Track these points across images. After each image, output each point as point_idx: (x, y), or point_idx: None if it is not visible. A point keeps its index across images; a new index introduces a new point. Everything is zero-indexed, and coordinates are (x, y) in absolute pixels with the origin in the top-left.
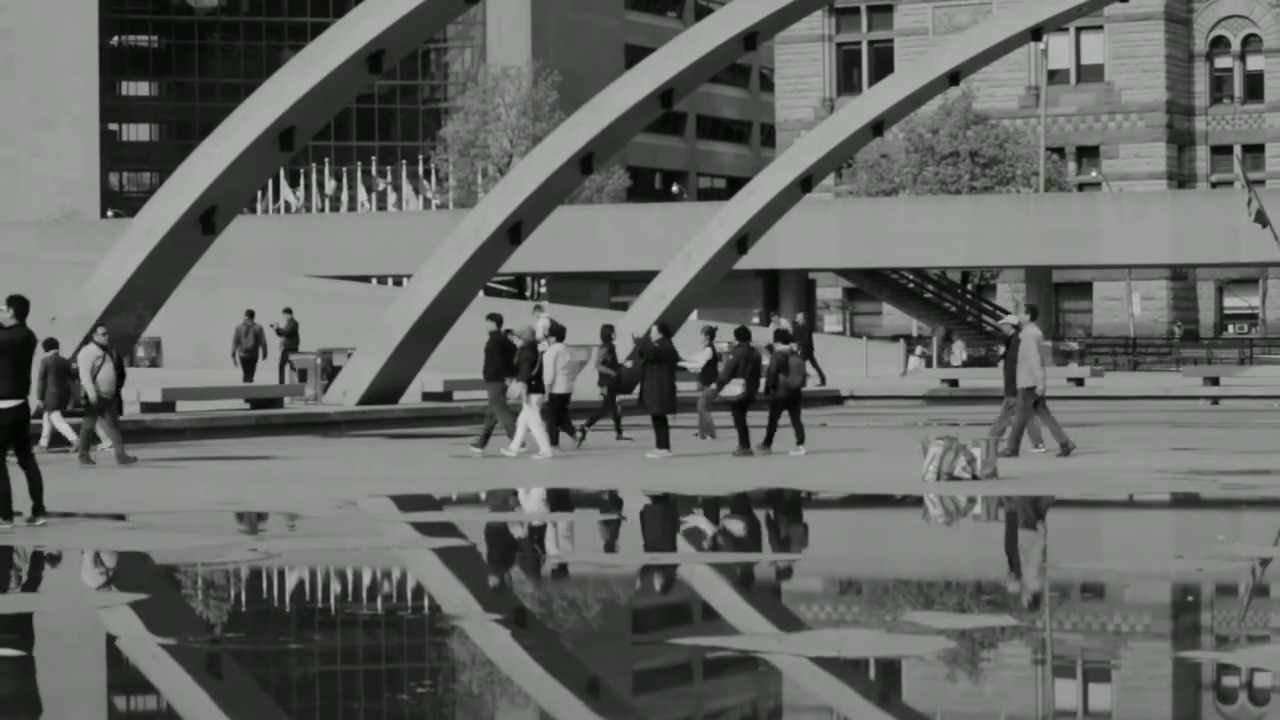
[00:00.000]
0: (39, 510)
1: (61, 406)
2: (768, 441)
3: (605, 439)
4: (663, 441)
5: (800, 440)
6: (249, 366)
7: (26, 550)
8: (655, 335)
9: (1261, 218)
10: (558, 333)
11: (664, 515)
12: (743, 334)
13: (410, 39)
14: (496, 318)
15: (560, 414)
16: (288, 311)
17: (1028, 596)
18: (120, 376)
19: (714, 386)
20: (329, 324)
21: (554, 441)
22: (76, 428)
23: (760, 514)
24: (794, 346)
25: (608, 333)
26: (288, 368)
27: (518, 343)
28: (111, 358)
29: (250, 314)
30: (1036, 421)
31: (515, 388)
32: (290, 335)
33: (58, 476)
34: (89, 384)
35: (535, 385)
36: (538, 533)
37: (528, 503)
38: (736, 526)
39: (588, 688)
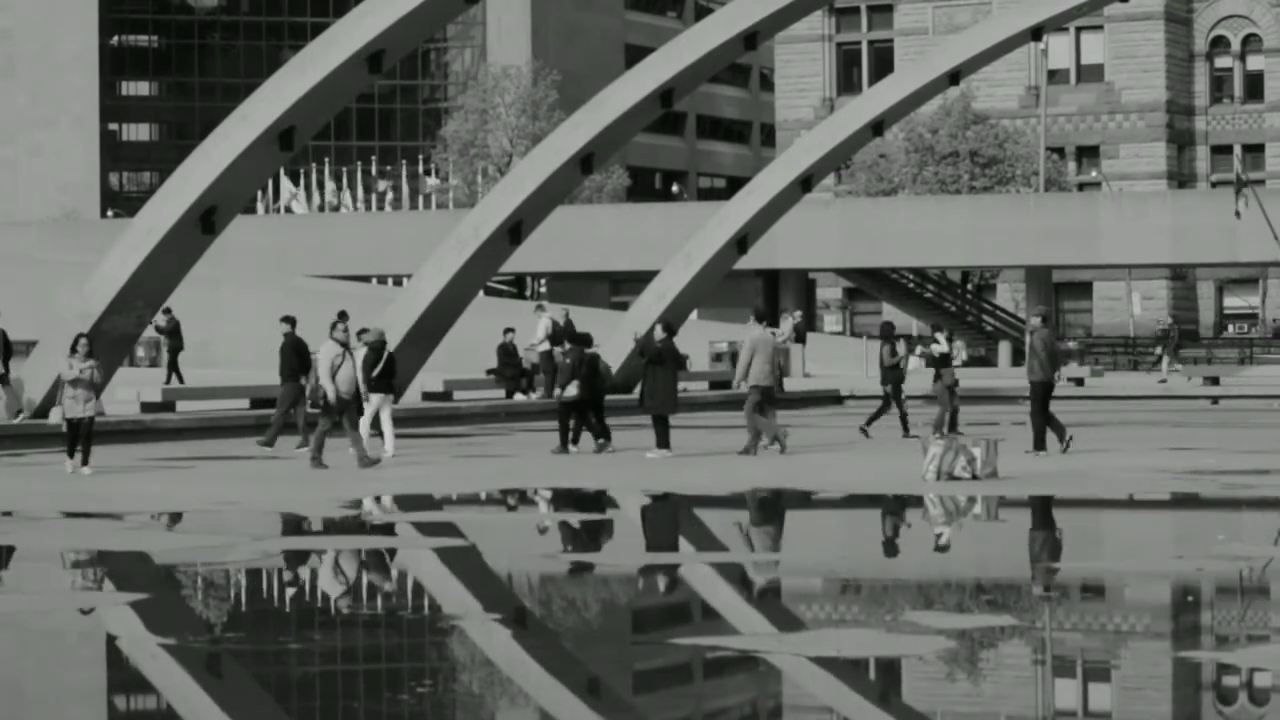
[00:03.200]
0: None
1: None
2: (575, 440)
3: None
4: (663, 441)
5: (605, 437)
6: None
7: (27, 550)
8: (659, 335)
9: (1239, 185)
10: (559, 336)
11: (663, 515)
12: (577, 338)
13: (410, 39)
14: (290, 320)
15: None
16: (167, 311)
17: (1029, 598)
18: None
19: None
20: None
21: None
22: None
23: (760, 514)
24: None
25: (889, 330)
26: (175, 374)
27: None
28: (352, 356)
29: (348, 315)
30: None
31: (376, 398)
32: (172, 334)
33: (51, 478)
34: (328, 383)
35: (380, 385)
36: (540, 532)
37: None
38: (737, 526)
39: (588, 687)
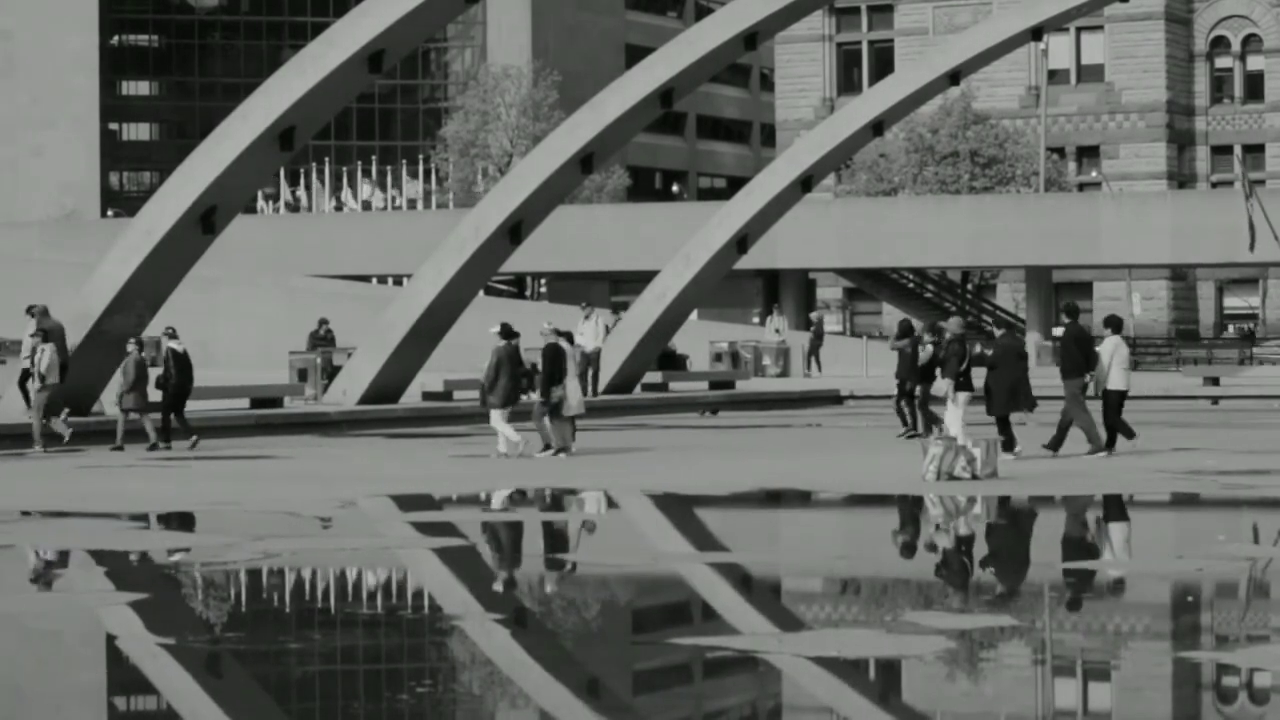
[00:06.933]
0: None
1: None
2: (189, 434)
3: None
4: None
5: (191, 436)
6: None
7: (27, 549)
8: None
9: (1252, 231)
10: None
11: (662, 515)
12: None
13: (410, 39)
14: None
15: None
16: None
17: (1028, 598)
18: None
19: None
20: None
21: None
22: None
23: (760, 514)
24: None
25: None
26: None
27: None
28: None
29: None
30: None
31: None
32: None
33: (54, 475)
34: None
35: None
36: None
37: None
38: (739, 526)
39: (588, 687)
